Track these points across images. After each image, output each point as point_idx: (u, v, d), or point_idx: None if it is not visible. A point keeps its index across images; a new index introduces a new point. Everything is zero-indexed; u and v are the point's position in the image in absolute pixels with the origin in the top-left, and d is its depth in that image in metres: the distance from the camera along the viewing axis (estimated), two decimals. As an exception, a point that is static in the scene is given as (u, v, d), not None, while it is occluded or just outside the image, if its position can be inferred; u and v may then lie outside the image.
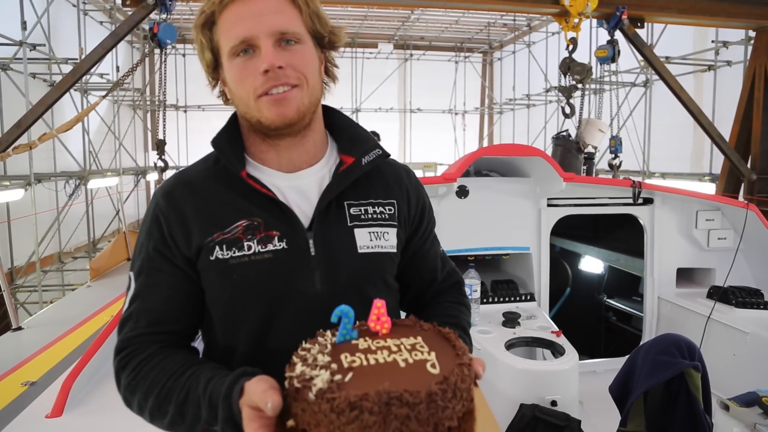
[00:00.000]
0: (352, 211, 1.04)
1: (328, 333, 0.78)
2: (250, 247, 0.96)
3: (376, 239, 1.04)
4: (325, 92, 1.07)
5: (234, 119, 1.07)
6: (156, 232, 0.99)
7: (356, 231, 1.03)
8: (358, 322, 0.79)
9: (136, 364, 0.92)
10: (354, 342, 0.76)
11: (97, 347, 2.01)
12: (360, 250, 1.02)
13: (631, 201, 3.20)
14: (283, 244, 0.97)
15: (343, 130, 1.10)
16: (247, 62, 0.95)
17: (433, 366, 0.68)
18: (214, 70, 1.02)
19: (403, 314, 1.15)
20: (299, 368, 0.69)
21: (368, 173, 1.06)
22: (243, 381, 0.78)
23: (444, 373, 0.67)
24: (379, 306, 0.78)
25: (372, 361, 0.70)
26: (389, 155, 1.11)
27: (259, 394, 0.72)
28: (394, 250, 1.07)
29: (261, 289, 0.97)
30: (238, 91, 0.97)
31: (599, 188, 3.22)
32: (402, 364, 0.69)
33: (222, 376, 0.82)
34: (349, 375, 0.66)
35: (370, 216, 1.05)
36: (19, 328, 3.13)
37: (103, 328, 2.14)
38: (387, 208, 1.08)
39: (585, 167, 4.94)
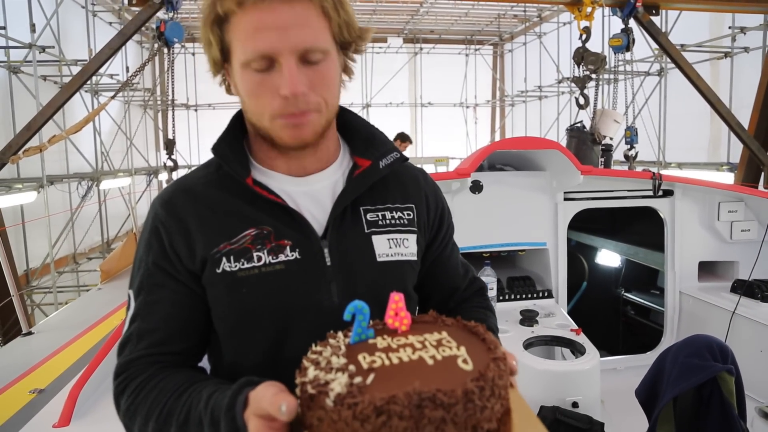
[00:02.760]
0: (368, 217, 0.97)
1: (340, 334, 0.70)
2: (260, 258, 0.89)
3: (395, 246, 0.97)
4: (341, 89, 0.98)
5: (236, 122, 0.98)
6: (156, 244, 0.91)
7: (374, 238, 0.96)
8: (372, 321, 0.71)
9: (135, 387, 0.85)
10: (371, 341, 0.68)
11: (104, 354, 1.97)
12: (379, 259, 0.95)
13: (650, 193, 3.10)
14: (296, 254, 0.90)
15: (357, 131, 1.02)
16: (265, 78, 0.84)
17: (465, 362, 0.60)
18: (221, 65, 0.93)
19: None
20: (312, 372, 0.61)
21: (384, 177, 0.99)
22: (247, 391, 0.70)
23: (479, 368, 0.59)
24: (396, 300, 0.70)
25: (395, 360, 0.61)
26: (407, 159, 1.04)
27: (270, 398, 0.64)
28: (415, 258, 1.00)
29: (273, 303, 0.89)
30: (250, 104, 0.89)
31: (617, 181, 3.12)
32: (430, 362, 0.61)
33: (225, 389, 0.75)
34: (371, 376, 0.58)
35: (388, 222, 0.98)
36: (30, 333, 3.11)
37: (111, 333, 2.10)
38: (406, 213, 1.00)
39: (603, 159, 4.83)
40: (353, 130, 1.03)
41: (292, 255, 0.90)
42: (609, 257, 4.35)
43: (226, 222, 0.91)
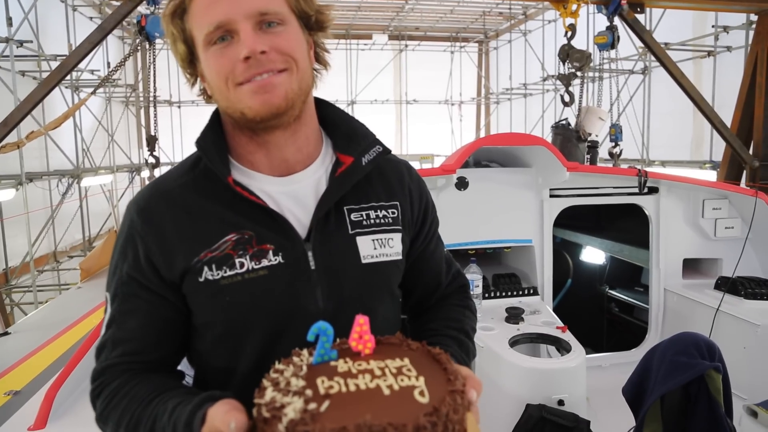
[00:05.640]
0: (352, 216, 0.94)
1: (305, 352, 0.69)
2: (242, 265, 0.86)
3: (380, 247, 0.94)
4: (317, 81, 0.95)
5: (216, 117, 0.95)
6: (131, 254, 0.88)
7: (358, 239, 0.93)
8: (338, 340, 0.70)
9: (108, 393, 0.84)
10: (333, 363, 0.67)
11: (81, 355, 1.91)
12: (364, 261, 0.92)
13: (635, 191, 3.11)
14: (279, 259, 0.87)
15: (338, 125, 0.99)
16: (225, 50, 0.84)
17: (421, 394, 0.60)
18: (190, 63, 0.91)
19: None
20: (270, 394, 0.60)
21: (368, 173, 0.95)
22: (207, 407, 0.69)
23: (434, 403, 0.58)
24: (361, 323, 0.69)
25: (352, 387, 0.61)
26: (390, 151, 1.00)
27: (222, 415, 0.65)
28: (400, 257, 0.98)
29: (258, 310, 0.87)
30: (216, 83, 0.86)
31: (603, 178, 3.12)
32: (386, 392, 0.60)
33: (188, 402, 0.73)
34: (326, 404, 0.58)
35: (372, 221, 0.95)
36: (6, 333, 3.04)
37: (89, 334, 2.05)
38: (390, 211, 0.98)
39: (589, 156, 4.84)
40: (334, 123, 1.00)
41: (275, 259, 0.87)
42: (593, 254, 4.36)
43: (206, 227, 0.87)
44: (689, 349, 1.63)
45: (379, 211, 0.96)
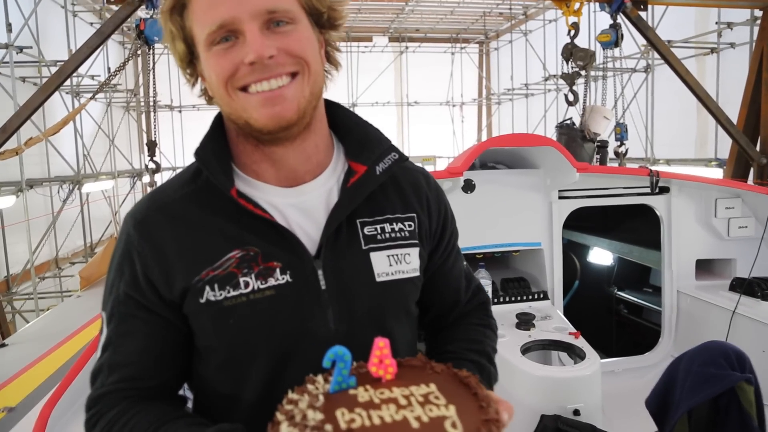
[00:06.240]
0: (366, 230, 0.87)
1: (320, 379, 0.63)
2: (247, 284, 0.79)
3: (396, 263, 0.87)
4: (327, 83, 0.88)
5: (218, 123, 0.87)
6: (128, 272, 0.81)
7: (372, 255, 0.86)
8: (355, 363, 0.64)
9: (105, 423, 0.77)
10: (352, 392, 0.60)
11: (78, 369, 1.84)
12: (378, 279, 0.85)
13: (645, 191, 3.03)
14: (287, 277, 0.81)
15: (350, 130, 0.91)
16: (229, 51, 0.76)
17: (453, 425, 0.54)
18: (190, 63, 0.84)
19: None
20: (285, 430, 0.54)
21: (382, 182, 0.88)
22: None
23: None
24: (381, 346, 0.62)
25: (376, 420, 0.55)
26: (406, 158, 0.92)
27: None
28: (417, 274, 0.90)
29: (264, 333, 0.80)
30: (216, 87, 0.79)
31: (612, 178, 3.05)
32: (415, 424, 0.54)
33: None
34: None
35: (387, 235, 0.88)
36: (3, 345, 2.97)
37: (87, 346, 1.98)
38: (406, 223, 0.90)
39: (599, 156, 4.76)
40: (346, 128, 0.92)
41: (283, 278, 0.81)
42: (601, 255, 4.29)
43: (208, 244, 0.81)
44: (717, 359, 1.55)
45: (394, 224, 0.89)
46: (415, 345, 0.96)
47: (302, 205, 0.85)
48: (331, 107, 0.93)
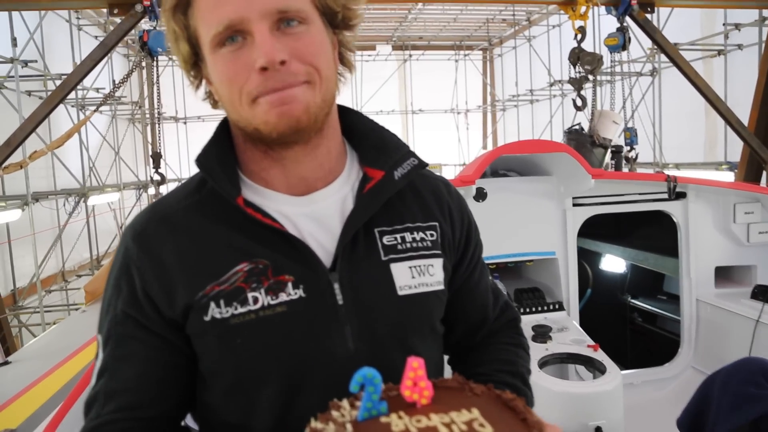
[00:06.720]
0: (385, 240, 0.80)
1: (345, 404, 0.56)
2: (256, 300, 0.73)
3: (419, 275, 0.80)
4: (340, 86, 0.82)
5: (224, 127, 0.82)
6: (126, 288, 0.75)
7: (393, 267, 0.79)
8: (384, 386, 0.56)
9: None
10: (384, 420, 0.53)
11: (82, 389, 1.78)
12: (400, 292, 0.78)
13: (661, 196, 2.96)
14: (300, 292, 0.74)
15: (365, 135, 0.86)
16: (237, 54, 0.70)
17: None
18: (194, 65, 0.78)
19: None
20: None
21: (400, 190, 0.82)
22: None
23: None
24: (415, 367, 0.55)
25: None
26: (426, 165, 0.86)
27: None
28: (442, 287, 0.83)
29: (276, 354, 0.73)
30: (225, 92, 0.73)
31: (627, 184, 2.98)
32: None
33: None
34: None
35: (408, 245, 0.81)
36: (6, 363, 2.91)
37: (90, 364, 1.92)
38: (428, 233, 0.84)
39: (613, 162, 4.69)
40: (360, 134, 0.86)
41: (296, 293, 0.74)
42: (614, 263, 4.20)
43: (212, 256, 0.74)
44: (756, 377, 1.46)
45: (415, 233, 0.83)
46: (442, 366, 0.90)
47: (315, 214, 0.79)
48: (345, 113, 0.87)
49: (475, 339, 0.95)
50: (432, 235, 0.84)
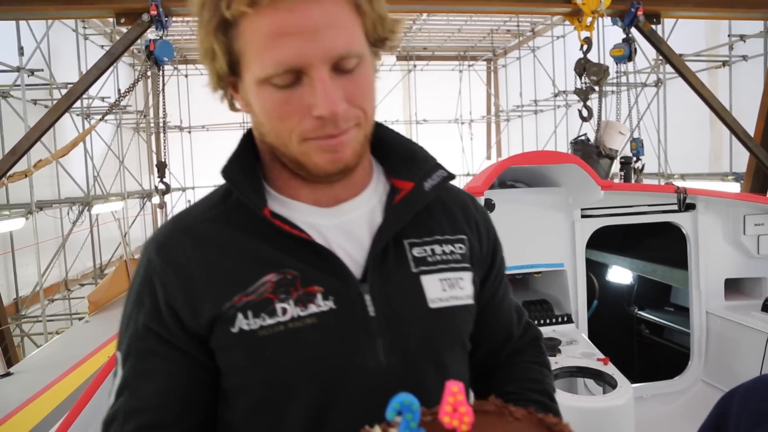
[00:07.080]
0: (415, 252, 0.78)
1: (378, 430, 0.53)
2: (285, 311, 0.71)
3: (449, 288, 0.78)
4: None
5: (248, 138, 0.80)
6: (148, 301, 0.73)
7: (424, 279, 0.77)
8: (422, 409, 0.53)
9: None
10: None
11: (85, 402, 1.76)
12: (431, 305, 0.76)
13: (670, 208, 2.93)
14: (330, 304, 0.72)
15: (392, 148, 0.84)
16: (290, 94, 0.67)
17: None
18: (227, 78, 0.74)
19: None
20: None
21: (428, 203, 0.80)
22: None
23: None
24: (455, 392, 0.52)
25: None
26: (454, 177, 0.84)
27: None
28: (472, 302, 0.82)
29: (305, 367, 0.71)
30: (272, 127, 0.70)
31: (636, 195, 2.95)
32: None
33: None
34: None
35: (438, 258, 0.79)
36: (8, 374, 2.88)
37: (95, 374, 1.89)
38: (457, 246, 0.82)
39: (623, 173, 4.67)
40: (388, 147, 0.84)
41: (326, 305, 0.72)
42: (620, 274, 4.17)
43: (239, 266, 0.72)
44: (778, 395, 1.43)
45: (444, 245, 0.81)
46: (469, 384, 0.87)
47: (343, 225, 0.77)
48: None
49: (499, 358, 0.93)
50: (461, 248, 0.82)
